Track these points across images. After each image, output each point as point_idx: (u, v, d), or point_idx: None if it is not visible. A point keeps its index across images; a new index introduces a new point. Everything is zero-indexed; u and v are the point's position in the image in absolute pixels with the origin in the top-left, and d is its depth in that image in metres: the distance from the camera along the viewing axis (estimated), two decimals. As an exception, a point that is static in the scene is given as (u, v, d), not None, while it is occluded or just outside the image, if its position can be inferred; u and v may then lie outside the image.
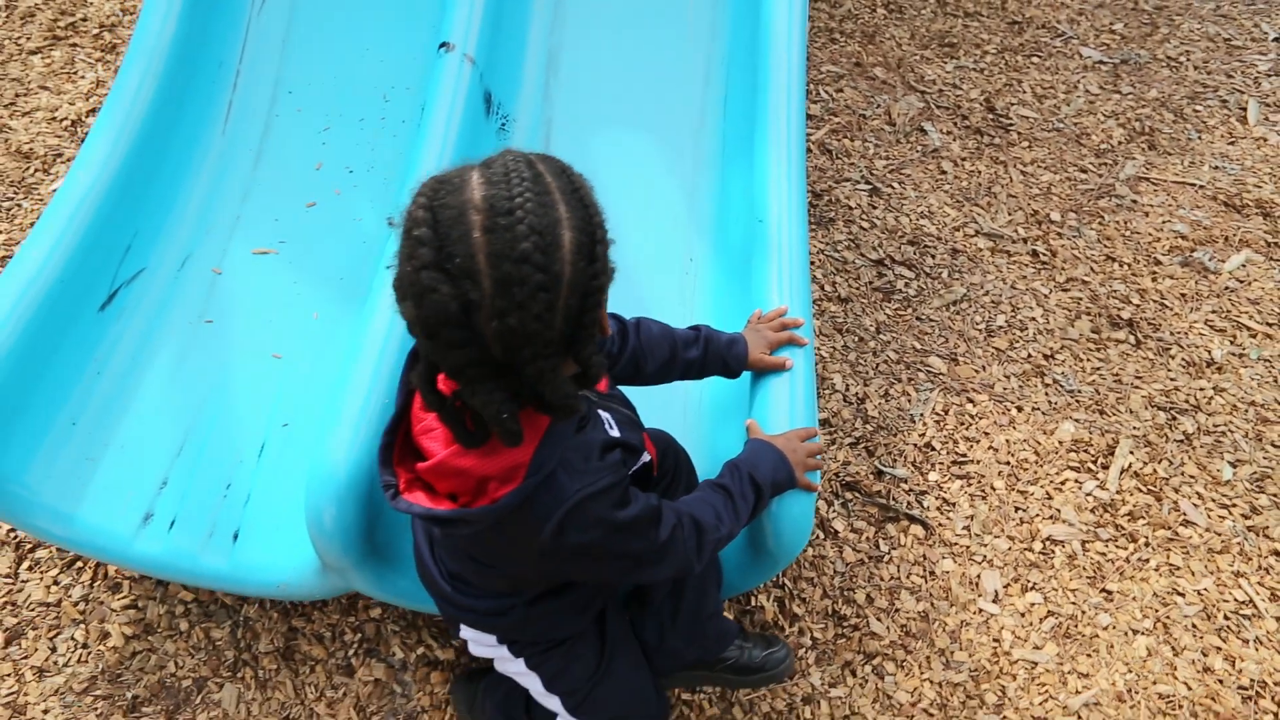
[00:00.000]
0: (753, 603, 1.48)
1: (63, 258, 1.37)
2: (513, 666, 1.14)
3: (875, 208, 2.14)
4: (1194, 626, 1.49)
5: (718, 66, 1.80)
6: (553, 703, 1.14)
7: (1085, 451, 1.69)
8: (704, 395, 1.45)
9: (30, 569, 1.52)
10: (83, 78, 2.36)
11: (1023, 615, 1.49)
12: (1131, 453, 1.68)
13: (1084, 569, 1.54)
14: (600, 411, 0.98)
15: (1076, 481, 1.65)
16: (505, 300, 0.72)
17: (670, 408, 1.43)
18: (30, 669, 1.42)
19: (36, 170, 2.15)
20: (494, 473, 0.84)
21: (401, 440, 0.94)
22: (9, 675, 1.42)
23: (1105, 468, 1.67)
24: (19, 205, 2.08)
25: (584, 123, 1.75)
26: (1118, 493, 1.64)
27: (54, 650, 1.44)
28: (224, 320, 1.53)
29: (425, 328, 0.75)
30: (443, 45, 1.58)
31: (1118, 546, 1.57)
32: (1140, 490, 1.64)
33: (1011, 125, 2.32)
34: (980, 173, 2.21)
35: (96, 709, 1.39)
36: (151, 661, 1.44)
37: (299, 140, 1.73)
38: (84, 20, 2.52)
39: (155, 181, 1.57)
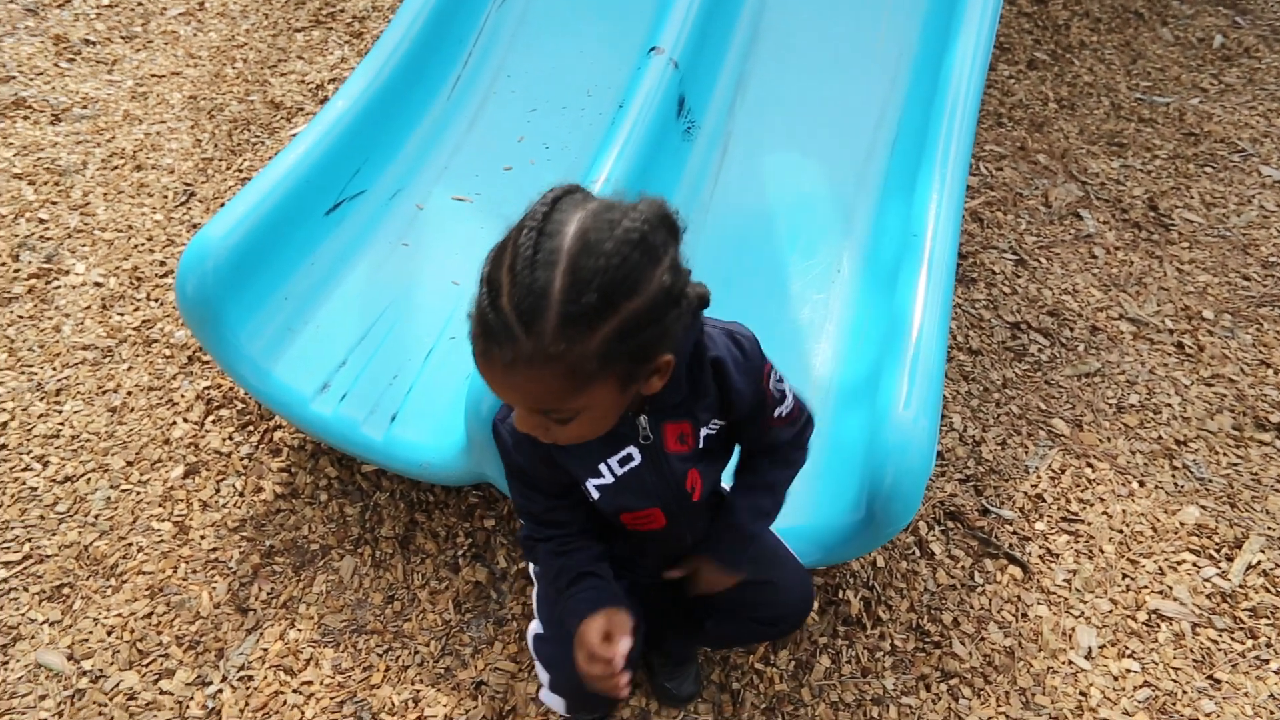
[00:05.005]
0: (840, 595, 1.51)
1: (309, 164, 1.64)
2: (532, 569, 1.22)
3: (1019, 277, 2.18)
4: (1309, 738, 1.39)
5: (892, 112, 1.93)
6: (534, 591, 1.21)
7: (1209, 538, 1.63)
8: (832, 382, 1.53)
9: (214, 422, 1.76)
10: (331, 54, 2.77)
11: (1115, 679, 1.45)
12: (1262, 551, 1.61)
13: (1191, 651, 1.48)
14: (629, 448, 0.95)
15: (1195, 565, 1.59)
16: None
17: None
18: (198, 501, 1.64)
19: (281, 118, 2.53)
20: None
21: None
22: (182, 501, 1.63)
23: (1230, 559, 1.61)
24: (263, 142, 2.45)
25: (760, 141, 1.92)
26: (1240, 586, 1.57)
27: (218, 491, 1.65)
28: (418, 246, 1.76)
29: None
30: (653, 49, 1.80)
31: (1234, 639, 1.50)
32: (1268, 590, 1.57)
33: (1173, 225, 2.32)
34: (1133, 263, 2.22)
35: (240, 547, 1.58)
36: (291, 521, 1.62)
37: (508, 116, 1.98)
38: (341, 11, 2.96)
39: (388, 124, 1.84)
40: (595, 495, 0.98)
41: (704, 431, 0.97)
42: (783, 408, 0.99)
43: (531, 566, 1.21)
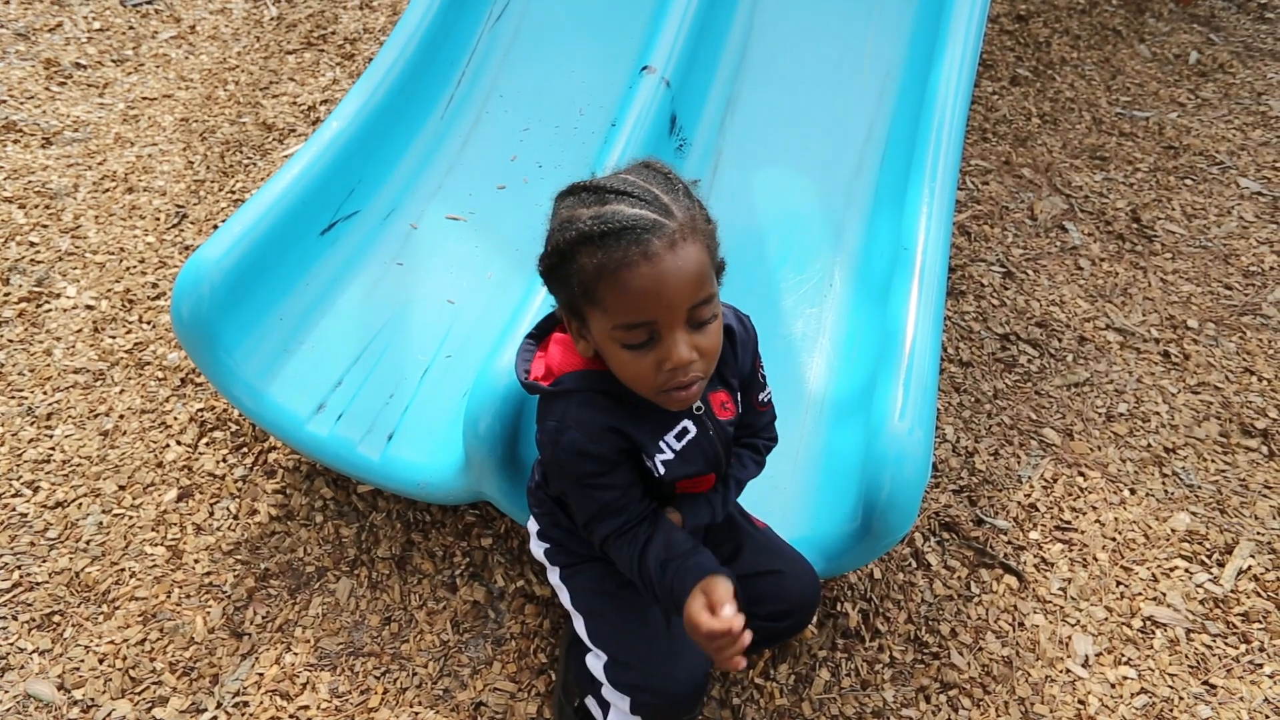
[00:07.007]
0: (838, 608, 1.51)
1: (304, 185, 1.64)
2: (551, 576, 1.24)
3: (1007, 289, 2.21)
4: (1304, 742, 1.40)
5: (880, 127, 1.96)
6: (578, 622, 1.20)
7: (1200, 544, 1.65)
8: (826, 395, 1.54)
9: (207, 445, 1.75)
10: (323, 75, 2.78)
11: (1113, 686, 1.45)
12: (1252, 556, 1.63)
13: (1186, 656, 1.49)
14: (687, 422, 1.05)
15: (1187, 571, 1.61)
16: None
17: (793, 408, 1.53)
18: (191, 524, 1.62)
19: (274, 139, 2.53)
20: (556, 368, 1.05)
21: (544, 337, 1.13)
22: (175, 525, 1.62)
23: (1221, 565, 1.62)
24: (255, 164, 2.45)
25: (750, 158, 1.94)
26: (1232, 591, 1.58)
27: (211, 514, 1.64)
28: (412, 265, 1.76)
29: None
30: (645, 68, 1.82)
31: (1227, 644, 1.52)
32: (1259, 595, 1.58)
33: (1156, 237, 2.36)
34: (1118, 274, 2.25)
35: (234, 570, 1.56)
36: (286, 543, 1.61)
37: (501, 134, 2.00)
38: (333, 33, 2.98)
39: (382, 144, 1.85)
40: (661, 470, 1.04)
41: (738, 396, 1.11)
42: (765, 394, 1.16)
43: (567, 599, 1.22)
